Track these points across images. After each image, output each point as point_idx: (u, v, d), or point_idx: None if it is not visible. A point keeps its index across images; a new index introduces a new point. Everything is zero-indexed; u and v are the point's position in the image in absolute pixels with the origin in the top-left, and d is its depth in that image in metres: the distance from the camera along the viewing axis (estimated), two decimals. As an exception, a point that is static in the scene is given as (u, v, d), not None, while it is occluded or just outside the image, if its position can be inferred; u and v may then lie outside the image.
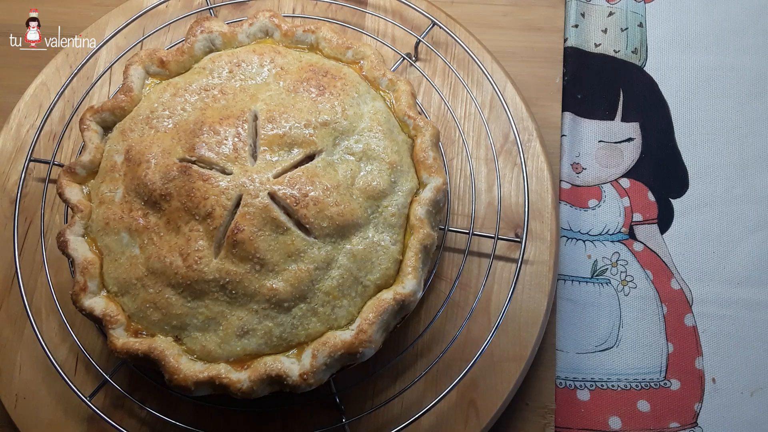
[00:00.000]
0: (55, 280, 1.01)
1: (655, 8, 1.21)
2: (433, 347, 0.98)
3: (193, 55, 1.00)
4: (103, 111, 0.96)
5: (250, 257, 0.85)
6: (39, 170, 1.09)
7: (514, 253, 1.01)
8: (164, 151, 0.90)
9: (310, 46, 1.01)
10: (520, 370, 0.97)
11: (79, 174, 0.95)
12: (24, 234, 1.06)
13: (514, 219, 1.03)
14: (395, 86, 0.97)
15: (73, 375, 1.00)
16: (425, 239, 0.88)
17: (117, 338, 0.87)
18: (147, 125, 0.94)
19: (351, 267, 0.87)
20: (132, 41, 1.14)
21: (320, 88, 0.93)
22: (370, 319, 0.85)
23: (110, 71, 1.13)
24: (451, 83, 1.10)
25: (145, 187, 0.89)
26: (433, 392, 0.95)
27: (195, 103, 0.94)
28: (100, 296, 0.90)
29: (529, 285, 1.00)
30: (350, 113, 0.92)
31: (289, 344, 0.86)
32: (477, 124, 1.08)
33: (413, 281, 0.87)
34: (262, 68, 0.96)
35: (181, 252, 0.86)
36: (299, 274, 0.85)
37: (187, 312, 0.86)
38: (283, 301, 0.85)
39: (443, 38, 1.11)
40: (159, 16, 1.16)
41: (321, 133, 0.90)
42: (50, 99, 1.11)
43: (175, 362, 0.84)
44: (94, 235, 0.92)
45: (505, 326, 0.98)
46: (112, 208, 0.91)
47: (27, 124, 1.12)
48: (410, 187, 0.91)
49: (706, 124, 1.16)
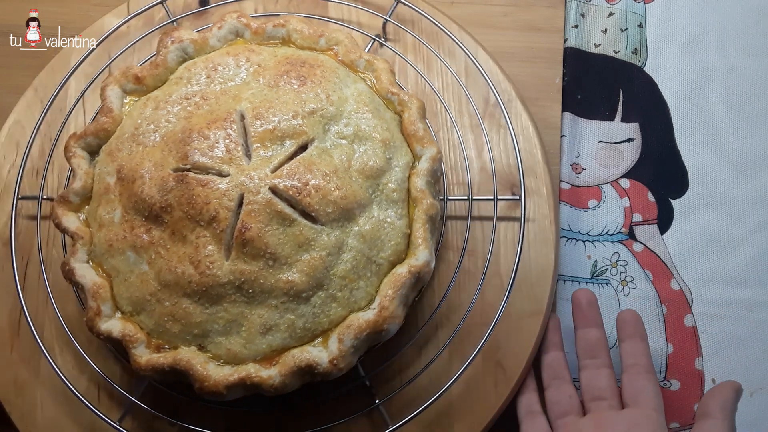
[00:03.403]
0: (63, 313, 1.00)
1: (655, 8, 1.21)
2: (451, 317, 0.99)
3: (167, 67, 0.99)
4: (86, 136, 0.95)
5: (261, 254, 0.85)
6: (28, 208, 1.07)
7: (514, 212, 1.02)
8: (156, 164, 0.90)
9: (283, 39, 1.01)
10: (539, 325, 0.98)
11: (72, 202, 0.94)
12: (23, 273, 1.04)
13: (508, 179, 1.04)
14: (373, 66, 0.97)
15: (98, 403, 0.98)
16: (429, 209, 0.89)
17: (140, 356, 0.86)
18: (134, 142, 0.93)
19: (362, 248, 0.87)
20: (99, 66, 1.13)
21: (301, 78, 0.93)
22: (389, 295, 0.85)
23: (83, 99, 1.12)
24: (423, 57, 1.11)
25: (143, 203, 0.88)
26: (458, 360, 0.96)
27: (179, 113, 0.94)
28: (115, 318, 0.89)
29: (534, 241, 1.01)
30: (335, 98, 0.92)
31: (314, 333, 0.86)
32: (456, 93, 1.08)
33: (425, 252, 0.87)
34: (240, 68, 0.96)
35: (192, 260, 0.86)
36: (312, 262, 0.85)
37: (207, 319, 0.86)
38: (301, 292, 0.85)
39: (409, 15, 1.12)
40: (122, 38, 1.15)
41: (310, 121, 0.90)
42: (26, 136, 1.09)
43: (203, 369, 0.84)
44: (99, 259, 0.91)
45: (518, 285, 0.98)
46: (113, 229, 0.90)
47: (7, 164, 1.10)
48: (406, 161, 0.92)
49: (706, 124, 1.16)
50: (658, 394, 0.92)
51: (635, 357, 0.96)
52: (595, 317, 0.99)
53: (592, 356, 0.97)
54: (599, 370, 0.96)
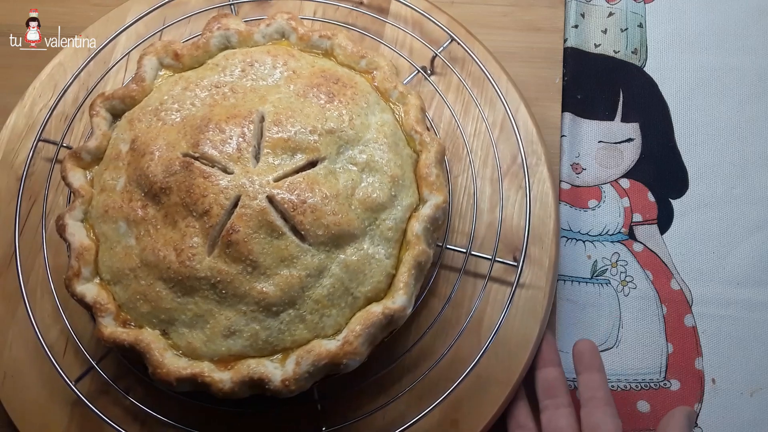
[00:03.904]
0: (53, 262, 1.01)
1: (655, 8, 1.21)
2: (420, 363, 0.98)
3: (207, 51, 1.00)
4: (113, 98, 0.97)
5: (243, 258, 0.85)
6: (47, 150, 1.09)
7: (510, 276, 1.00)
8: (169, 144, 0.90)
9: (325, 51, 1.01)
10: (505, 395, 0.96)
11: (84, 159, 0.95)
12: (27, 213, 1.06)
13: (513, 242, 1.02)
14: (405, 99, 0.96)
15: (62, 358, 1.00)
16: (420, 256, 0.88)
17: (105, 327, 0.87)
18: (155, 117, 0.94)
19: (343, 277, 0.87)
20: (152, 29, 1.15)
21: (330, 95, 0.93)
22: (356, 331, 0.84)
23: (127, 58, 1.14)
24: (463, 100, 1.10)
25: (146, 179, 0.89)
26: (416, 409, 0.94)
27: (204, 99, 0.94)
28: (92, 283, 0.90)
29: (523, 310, 0.99)
30: (357, 123, 0.92)
31: (275, 349, 0.86)
32: (486, 144, 1.07)
33: (404, 297, 0.86)
34: (275, 70, 0.96)
35: (176, 247, 0.86)
36: (290, 279, 0.85)
37: (176, 307, 0.86)
38: (271, 305, 0.85)
39: (460, 54, 1.11)
40: (181, 7, 1.17)
41: (326, 140, 0.90)
42: (66, 80, 1.11)
43: (160, 356, 0.85)
44: (93, 221, 0.92)
45: (494, 349, 0.97)
46: (112, 196, 0.91)
47: (41, 102, 1.13)
48: (410, 203, 0.91)
49: (706, 124, 1.15)
50: (617, 426, 0.91)
51: (592, 390, 0.95)
52: (553, 357, 0.99)
53: (552, 396, 0.96)
54: (558, 410, 0.95)
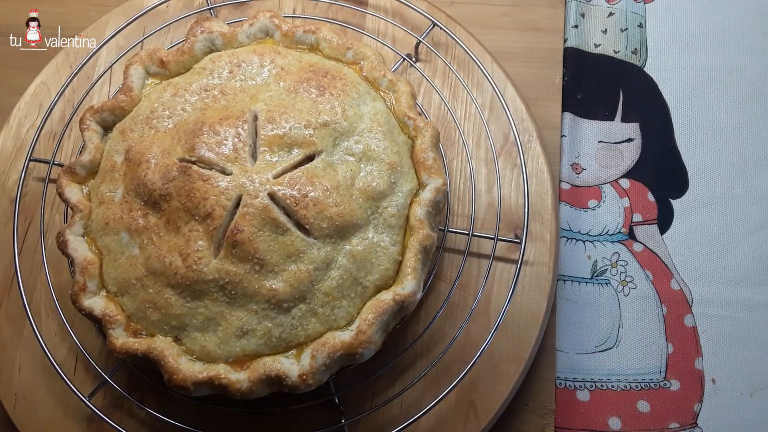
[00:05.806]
0: (55, 279, 1.01)
1: (655, 9, 1.21)
2: (432, 348, 0.98)
3: (193, 56, 1.00)
4: (103, 111, 0.96)
5: (249, 257, 0.85)
6: (39, 170, 1.09)
7: (513, 254, 1.01)
8: (164, 151, 0.90)
9: (311, 46, 1.01)
10: (519, 372, 0.97)
11: (78, 174, 0.95)
12: (24, 233, 1.05)
13: (513, 220, 1.03)
14: (395, 87, 0.97)
15: (73, 375, 0.99)
16: (425, 240, 0.88)
17: (116, 338, 0.87)
18: (147, 125, 0.94)
19: (350, 268, 0.87)
20: (132, 41, 1.14)
21: (320, 88, 0.93)
22: (369, 320, 0.85)
23: (110, 71, 1.13)
24: (451, 84, 1.10)
25: (145, 187, 0.89)
26: (432, 393, 0.95)
27: (195, 104, 0.94)
28: (99, 296, 0.90)
29: (529, 286, 1.00)
30: (350, 114, 0.92)
31: (289, 345, 0.86)
32: (477, 125, 1.08)
33: (413, 282, 0.86)
34: (263, 69, 0.96)
35: (181, 252, 0.86)
36: (299, 274, 0.85)
37: (187, 312, 0.86)
38: (282, 302, 0.85)
39: (443, 39, 1.11)
40: (159, 16, 1.16)
41: (321, 133, 0.90)
42: (50, 98, 1.11)
43: (175, 362, 0.84)
44: (94, 234, 0.92)
45: (504, 327, 0.98)
46: (111, 208, 0.91)
47: (27, 123, 1.12)
48: (410, 188, 0.91)
49: (706, 124, 1.16)
50: None
51: None
52: None
53: None
54: None
